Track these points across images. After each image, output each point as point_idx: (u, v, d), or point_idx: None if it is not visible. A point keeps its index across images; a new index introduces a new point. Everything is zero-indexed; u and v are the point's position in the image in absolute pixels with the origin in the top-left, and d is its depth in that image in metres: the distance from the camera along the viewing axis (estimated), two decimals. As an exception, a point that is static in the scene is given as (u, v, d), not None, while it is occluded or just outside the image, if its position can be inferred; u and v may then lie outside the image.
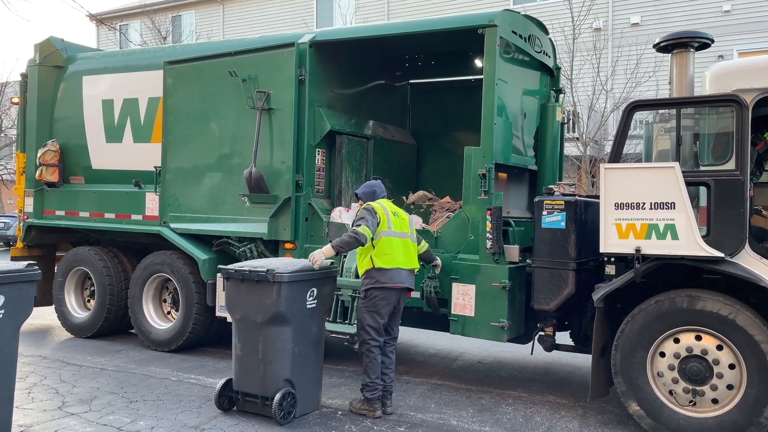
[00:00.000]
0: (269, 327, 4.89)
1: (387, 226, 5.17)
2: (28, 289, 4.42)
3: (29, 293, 4.43)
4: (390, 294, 5.14)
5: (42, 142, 8.26)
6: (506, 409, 5.57)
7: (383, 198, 5.46)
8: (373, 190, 5.46)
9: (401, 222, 5.31)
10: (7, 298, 4.26)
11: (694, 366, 4.68)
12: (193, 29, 26.34)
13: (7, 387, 4.31)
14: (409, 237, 5.34)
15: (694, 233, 4.61)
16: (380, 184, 5.55)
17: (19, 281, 4.32)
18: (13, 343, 4.35)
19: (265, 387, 4.94)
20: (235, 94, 6.77)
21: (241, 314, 5.03)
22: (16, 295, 4.29)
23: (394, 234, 5.19)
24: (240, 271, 4.98)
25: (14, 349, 4.38)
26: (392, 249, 5.16)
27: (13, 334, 4.36)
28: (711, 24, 17.25)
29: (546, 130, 6.87)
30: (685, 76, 5.18)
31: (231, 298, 5.12)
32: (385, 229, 5.16)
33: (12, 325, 4.32)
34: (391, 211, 5.30)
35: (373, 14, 22.47)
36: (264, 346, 4.92)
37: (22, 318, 4.41)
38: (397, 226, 5.25)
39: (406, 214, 5.46)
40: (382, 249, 5.14)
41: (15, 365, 4.42)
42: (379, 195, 5.44)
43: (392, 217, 5.24)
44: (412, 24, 7.40)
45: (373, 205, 5.24)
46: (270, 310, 4.86)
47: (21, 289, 4.35)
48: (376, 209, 5.20)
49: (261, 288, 4.87)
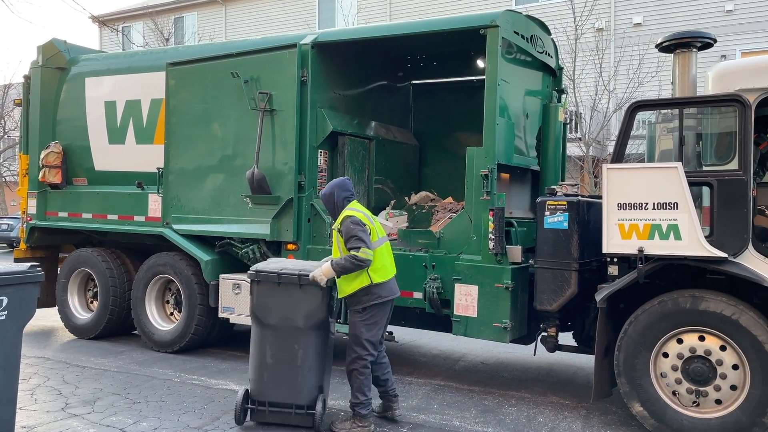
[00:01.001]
0: (311, 333, 4.74)
1: (377, 236, 4.90)
2: (31, 290, 4.40)
3: (32, 295, 4.41)
4: (387, 306, 4.96)
5: (45, 144, 8.28)
6: (509, 410, 5.56)
7: (353, 200, 5.02)
8: (334, 195, 4.97)
9: (379, 226, 5.05)
10: (10, 300, 4.24)
11: (697, 366, 4.67)
12: (196, 31, 26.38)
13: (10, 388, 4.31)
14: (388, 240, 5.11)
15: (697, 233, 4.60)
16: (343, 183, 5.07)
17: (22, 282, 4.30)
18: (15, 344, 4.35)
19: (300, 395, 4.77)
20: (238, 96, 6.78)
21: (277, 319, 4.79)
22: (18, 296, 4.28)
23: (381, 242, 4.94)
24: (281, 274, 4.76)
25: (17, 350, 4.37)
26: (384, 259, 4.93)
27: (16, 336, 4.35)
28: (713, 24, 17.22)
29: (548, 131, 6.87)
30: (687, 76, 5.18)
31: (263, 303, 4.82)
32: (375, 239, 4.87)
33: (15, 326, 4.31)
34: (370, 217, 4.98)
35: (376, 15, 22.48)
36: (304, 352, 4.75)
37: (25, 319, 4.40)
38: (380, 231, 5.01)
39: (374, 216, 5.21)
40: (378, 262, 4.85)
41: (18, 367, 4.41)
42: (341, 199, 4.96)
43: (375, 223, 4.98)
44: (415, 25, 7.40)
45: (359, 217, 4.79)
46: (315, 315, 4.73)
47: (24, 291, 4.33)
48: (364, 221, 4.80)
49: (305, 292, 4.73)
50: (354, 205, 4.96)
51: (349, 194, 5.01)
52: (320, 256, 6.48)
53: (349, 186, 5.07)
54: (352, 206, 4.93)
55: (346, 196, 4.98)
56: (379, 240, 4.92)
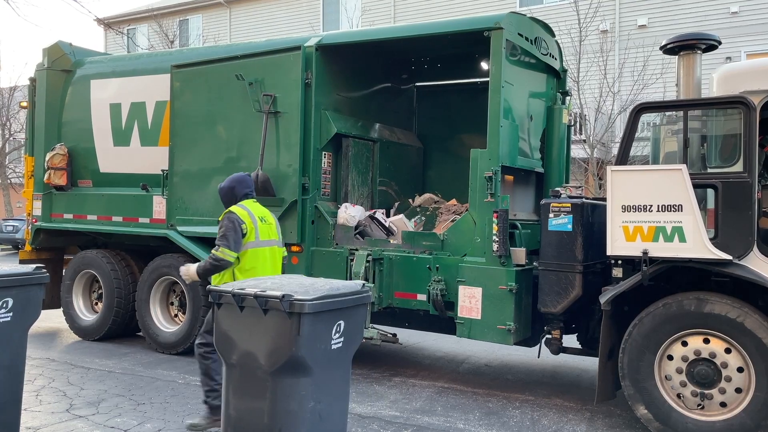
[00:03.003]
0: (281, 377, 3.45)
1: (254, 236, 4.67)
2: (36, 292, 4.39)
3: (37, 296, 4.41)
4: None
5: (50, 146, 8.31)
6: (513, 412, 5.55)
7: (249, 198, 4.90)
8: (235, 191, 4.87)
9: (269, 228, 4.84)
10: (15, 301, 4.23)
11: (702, 369, 4.65)
12: (200, 33, 26.47)
13: (15, 389, 4.31)
14: (276, 243, 4.89)
15: (701, 236, 4.59)
16: (244, 179, 4.95)
17: (27, 284, 4.30)
18: (20, 346, 4.35)
19: None
20: (242, 98, 6.80)
21: (238, 357, 3.54)
22: (23, 298, 4.27)
23: (261, 244, 4.71)
24: (239, 295, 3.49)
25: (22, 351, 4.38)
26: (258, 261, 4.69)
27: (21, 337, 4.36)
28: (718, 25, 17.18)
29: (552, 133, 6.86)
30: (692, 78, 5.17)
31: (224, 333, 3.60)
32: (252, 240, 4.66)
33: (20, 328, 4.31)
34: (258, 215, 4.79)
35: (379, 17, 22.51)
36: (272, 404, 3.47)
37: (30, 321, 4.40)
38: (264, 233, 4.77)
39: (273, 217, 5.00)
40: (247, 263, 4.66)
41: (23, 368, 4.42)
42: (240, 195, 4.86)
43: (259, 224, 4.75)
44: (418, 27, 7.41)
45: (238, 214, 4.66)
46: (284, 353, 3.41)
47: (29, 292, 4.33)
48: (243, 219, 4.65)
49: (271, 321, 3.42)
50: (248, 203, 4.83)
51: (249, 191, 4.92)
52: (324, 258, 6.51)
53: (249, 183, 4.97)
54: (245, 203, 4.81)
55: (246, 193, 4.89)
56: (260, 242, 4.70)
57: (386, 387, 6.24)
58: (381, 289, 6.16)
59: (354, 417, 5.22)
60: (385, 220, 6.53)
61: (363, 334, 4.18)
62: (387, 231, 6.47)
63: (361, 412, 5.44)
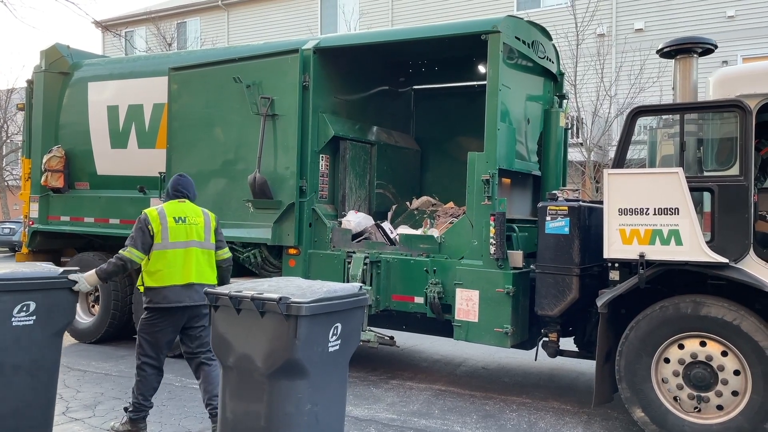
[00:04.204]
0: (278, 380, 3.47)
1: (161, 238, 4.54)
2: (63, 295, 4.31)
3: (65, 300, 4.32)
4: (169, 313, 4.56)
5: (47, 148, 8.30)
6: (510, 415, 5.55)
7: (177, 198, 4.78)
8: (168, 191, 4.82)
9: (186, 229, 4.63)
10: (38, 305, 4.15)
11: (698, 372, 4.66)
12: (198, 36, 26.45)
13: (44, 394, 4.25)
14: (197, 246, 4.65)
15: (698, 239, 4.60)
16: (177, 179, 4.86)
17: (51, 288, 4.23)
18: (47, 349, 4.25)
19: None
20: (240, 100, 6.80)
21: (235, 360, 3.57)
22: (48, 301, 4.20)
23: (170, 246, 4.55)
24: (236, 297, 3.54)
25: (49, 356, 4.27)
26: (166, 264, 4.54)
27: (49, 342, 4.26)
28: (715, 29, 17.23)
29: (549, 136, 6.88)
30: (688, 82, 5.19)
31: (221, 336, 3.64)
32: (159, 241, 4.54)
33: (45, 331, 4.21)
34: (174, 216, 4.63)
35: (377, 20, 22.53)
36: (269, 407, 3.49)
37: (59, 325, 4.32)
38: (177, 234, 4.58)
39: (202, 217, 4.76)
40: (153, 265, 4.55)
41: (53, 372, 4.33)
42: (170, 194, 4.81)
43: (171, 224, 4.59)
44: (416, 30, 7.41)
45: (148, 214, 4.59)
46: (281, 355, 3.43)
47: (54, 296, 4.26)
48: (150, 219, 4.56)
49: (268, 323, 3.45)
50: (170, 203, 4.74)
51: (179, 191, 4.80)
52: (322, 260, 6.51)
53: (181, 183, 4.84)
54: (166, 204, 4.73)
55: (174, 193, 4.80)
56: (168, 243, 4.56)
57: (383, 390, 6.24)
58: (378, 291, 6.16)
59: (351, 420, 5.22)
60: (391, 231, 6.53)
61: (360, 337, 4.22)
62: (391, 242, 6.46)
63: (358, 414, 5.44)
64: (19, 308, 4.07)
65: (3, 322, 4.02)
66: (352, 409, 5.51)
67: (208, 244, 4.74)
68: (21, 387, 4.11)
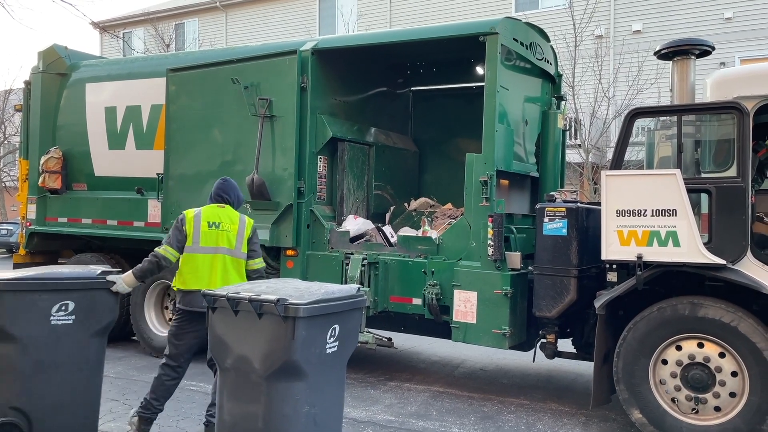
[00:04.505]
0: (275, 382, 3.46)
1: (192, 241, 4.56)
2: (102, 296, 4.40)
3: (105, 300, 4.41)
4: (191, 318, 4.57)
5: (45, 149, 8.29)
6: (508, 416, 5.55)
7: (216, 203, 4.77)
8: (211, 194, 4.83)
9: (217, 235, 4.59)
10: (77, 305, 4.26)
11: (696, 373, 4.67)
12: (196, 37, 26.44)
13: (86, 392, 4.36)
14: (226, 253, 4.60)
15: (695, 240, 4.61)
16: (219, 184, 4.86)
17: (90, 288, 4.33)
18: (88, 349, 4.35)
19: None
20: (238, 102, 6.79)
21: (232, 361, 3.57)
22: (88, 301, 4.29)
23: (199, 250, 4.55)
24: (234, 298, 3.54)
25: (91, 355, 4.37)
26: (193, 268, 4.55)
27: (90, 341, 4.36)
28: (712, 31, 17.26)
29: (547, 137, 6.88)
30: (686, 84, 5.20)
31: (218, 338, 3.64)
32: (189, 244, 4.56)
33: (85, 331, 4.32)
34: (209, 220, 4.61)
35: (376, 22, 22.54)
36: (267, 409, 3.48)
37: (100, 324, 4.40)
38: (208, 239, 4.57)
39: (237, 224, 4.68)
40: (182, 268, 4.59)
41: (98, 372, 4.44)
42: (212, 198, 4.81)
43: (204, 228, 4.57)
44: (414, 31, 7.43)
45: (186, 215, 4.62)
46: (279, 357, 3.42)
47: (94, 296, 4.35)
48: (186, 220, 4.59)
49: (265, 325, 3.44)
50: (208, 206, 4.74)
51: (219, 196, 4.78)
52: (320, 262, 6.51)
53: (222, 188, 4.82)
54: (205, 207, 4.75)
55: (213, 196, 4.81)
56: (198, 248, 4.56)
57: (381, 391, 6.24)
58: (376, 293, 6.16)
59: (349, 421, 5.22)
60: (392, 235, 6.53)
61: (358, 339, 4.20)
62: (390, 245, 6.46)
63: (356, 416, 5.43)
64: (58, 307, 4.19)
65: (42, 321, 4.15)
66: (350, 410, 5.50)
67: (238, 253, 4.66)
68: (62, 384, 4.23)
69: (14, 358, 4.11)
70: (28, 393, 4.14)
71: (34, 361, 4.14)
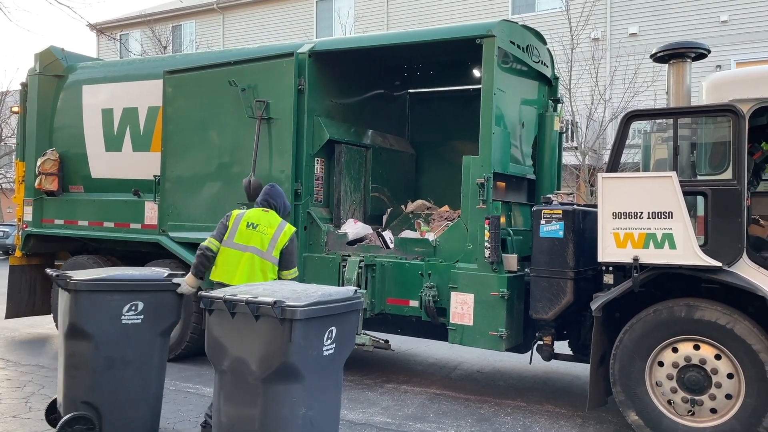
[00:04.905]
0: (272, 384, 3.45)
1: (228, 236, 4.76)
2: (169, 297, 4.65)
3: (171, 301, 4.64)
4: None
5: (41, 151, 8.28)
6: (505, 418, 5.55)
7: (261, 207, 4.92)
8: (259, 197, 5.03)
9: (251, 234, 4.72)
10: (146, 305, 4.50)
11: (692, 375, 4.68)
12: (194, 39, 26.44)
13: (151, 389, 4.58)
14: (255, 253, 4.71)
15: (691, 242, 4.62)
16: (265, 189, 5.05)
17: (158, 290, 4.54)
18: (154, 347, 4.59)
19: None
20: (235, 104, 6.80)
21: (229, 364, 3.57)
22: (156, 302, 4.50)
23: (232, 245, 4.73)
24: (231, 301, 3.54)
25: (156, 353, 4.61)
26: (224, 261, 4.74)
27: (155, 340, 4.59)
28: (709, 34, 17.34)
29: (544, 140, 6.89)
30: (682, 86, 5.22)
31: (215, 339, 3.65)
32: (226, 238, 4.76)
33: (152, 330, 4.55)
34: (249, 221, 4.77)
35: (373, 24, 22.57)
36: (263, 411, 3.47)
37: (164, 324, 4.62)
38: (242, 237, 4.73)
39: (274, 229, 4.78)
40: (218, 260, 4.78)
41: (161, 370, 4.67)
42: (259, 203, 4.96)
43: (242, 227, 4.74)
44: (411, 34, 7.43)
45: (231, 212, 4.89)
46: (275, 359, 3.42)
47: (161, 297, 4.57)
48: (230, 216, 4.84)
49: (262, 327, 3.44)
50: (254, 209, 4.90)
51: (262, 199, 4.95)
52: (317, 264, 6.51)
53: (266, 191, 4.99)
54: (252, 209, 4.92)
55: (259, 200, 4.98)
56: (232, 243, 4.74)
57: (378, 393, 6.24)
58: (373, 295, 6.16)
59: (346, 423, 5.22)
60: (391, 240, 6.54)
61: (355, 341, 4.22)
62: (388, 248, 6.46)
63: (353, 418, 5.43)
64: (129, 307, 4.45)
65: (114, 320, 4.41)
66: (347, 413, 5.50)
67: (268, 256, 4.75)
68: (129, 381, 4.47)
69: (87, 355, 4.36)
70: (99, 388, 4.39)
71: (105, 357, 4.39)
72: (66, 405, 4.42)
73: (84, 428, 4.34)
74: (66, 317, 4.42)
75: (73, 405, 4.37)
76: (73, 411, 4.34)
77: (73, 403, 4.38)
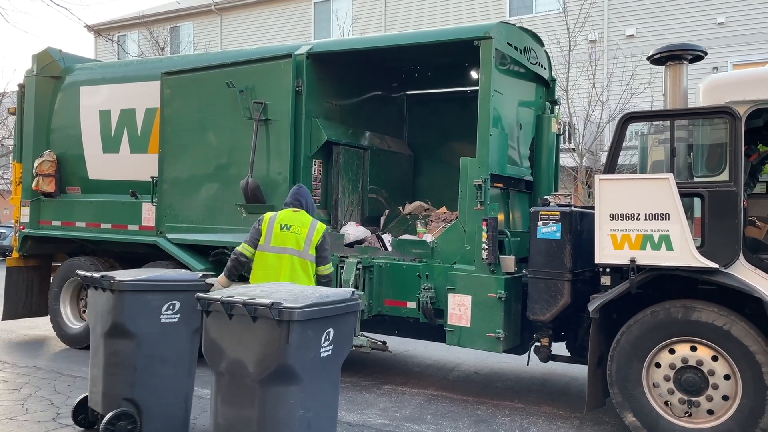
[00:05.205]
0: (269, 386, 3.44)
1: (264, 240, 4.84)
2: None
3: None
4: None
5: (39, 153, 8.27)
6: (502, 420, 5.56)
7: (291, 207, 5.01)
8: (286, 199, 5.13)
9: (285, 236, 4.82)
10: (182, 304, 4.68)
11: (689, 377, 4.69)
12: (191, 40, 26.41)
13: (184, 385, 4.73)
14: (293, 254, 4.81)
15: (688, 244, 4.63)
16: (294, 190, 5.15)
17: (193, 289, 4.56)
18: (189, 345, 4.76)
19: None
20: (233, 105, 6.80)
21: (226, 365, 3.56)
22: (190, 302, 4.48)
23: (269, 249, 4.82)
24: (228, 302, 3.53)
25: (190, 351, 4.77)
26: (263, 266, 4.82)
27: (190, 338, 4.75)
28: (706, 36, 17.36)
29: (541, 141, 6.90)
30: (678, 88, 5.23)
31: (212, 341, 3.65)
32: (262, 243, 4.84)
33: (187, 329, 4.72)
34: (282, 223, 4.86)
35: (370, 26, 22.58)
36: (261, 413, 3.46)
37: (197, 323, 4.61)
38: (278, 240, 4.81)
39: (307, 228, 4.89)
40: (255, 264, 4.88)
41: (193, 367, 4.82)
42: (288, 203, 5.06)
43: (276, 230, 4.83)
44: (409, 36, 7.46)
45: (264, 216, 4.95)
46: (273, 360, 3.42)
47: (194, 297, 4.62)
48: (263, 220, 4.91)
49: (260, 329, 3.43)
50: (285, 210, 4.99)
51: (293, 200, 5.05)
52: (314, 265, 6.50)
53: (297, 193, 5.09)
54: (282, 211, 4.99)
55: (290, 201, 5.06)
56: (269, 247, 4.83)
57: (376, 395, 6.24)
58: (371, 296, 6.16)
59: (343, 425, 5.21)
60: (389, 243, 6.54)
61: (352, 342, 4.24)
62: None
63: (350, 420, 5.43)
64: (167, 306, 4.64)
65: (153, 318, 4.59)
66: (345, 414, 5.50)
67: (306, 255, 4.87)
68: (167, 378, 4.66)
69: (129, 353, 4.53)
70: (140, 385, 4.55)
71: (146, 355, 4.56)
72: (106, 403, 4.55)
73: (126, 424, 4.47)
74: (108, 317, 4.54)
75: (114, 402, 4.51)
76: (115, 408, 4.47)
77: (114, 400, 4.51)
